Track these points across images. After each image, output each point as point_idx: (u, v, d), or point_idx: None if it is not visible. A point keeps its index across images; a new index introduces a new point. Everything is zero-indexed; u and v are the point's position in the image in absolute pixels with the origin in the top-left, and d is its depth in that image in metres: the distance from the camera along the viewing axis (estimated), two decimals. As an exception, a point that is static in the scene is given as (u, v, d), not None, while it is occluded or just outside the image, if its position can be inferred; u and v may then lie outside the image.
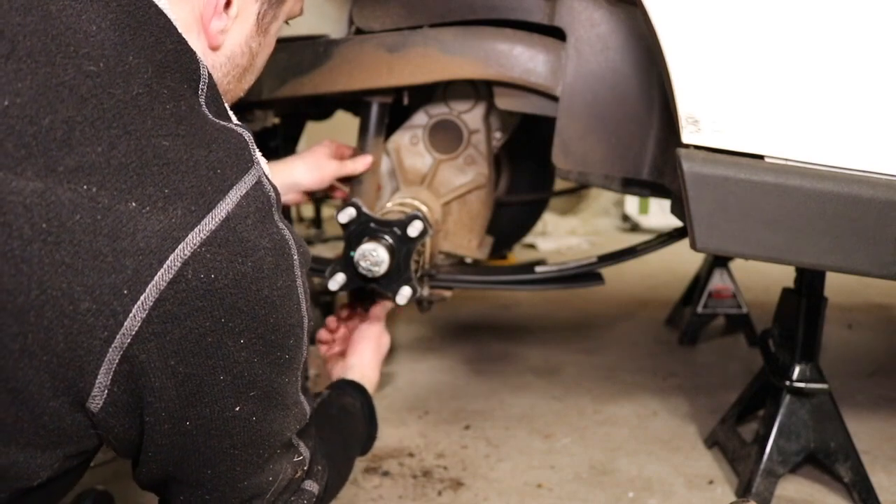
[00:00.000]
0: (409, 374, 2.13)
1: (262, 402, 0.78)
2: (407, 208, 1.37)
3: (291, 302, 0.78)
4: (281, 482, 0.84)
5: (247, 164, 0.75)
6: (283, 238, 0.76)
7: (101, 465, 1.58)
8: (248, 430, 0.78)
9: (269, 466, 0.83)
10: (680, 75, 1.11)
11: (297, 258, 0.79)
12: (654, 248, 1.62)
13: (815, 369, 1.48)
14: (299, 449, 0.88)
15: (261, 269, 0.73)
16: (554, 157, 1.36)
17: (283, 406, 0.81)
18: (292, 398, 0.83)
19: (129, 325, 0.67)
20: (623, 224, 4.61)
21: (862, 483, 1.45)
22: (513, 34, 1.35)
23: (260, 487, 0.82)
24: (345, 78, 1.39)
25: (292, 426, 0.84)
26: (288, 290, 0.77)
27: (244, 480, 0.81)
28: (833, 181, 1.09)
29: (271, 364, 0.77)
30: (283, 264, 0.76)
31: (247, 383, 0.75)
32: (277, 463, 0.84)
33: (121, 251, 0.66)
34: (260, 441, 0.80)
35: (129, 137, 0.69)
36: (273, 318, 0.75)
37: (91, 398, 0.69)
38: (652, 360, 2.26)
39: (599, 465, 1.62)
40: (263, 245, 0.73)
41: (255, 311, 0.73)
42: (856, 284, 2.95)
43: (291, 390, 0.82)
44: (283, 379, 0.80)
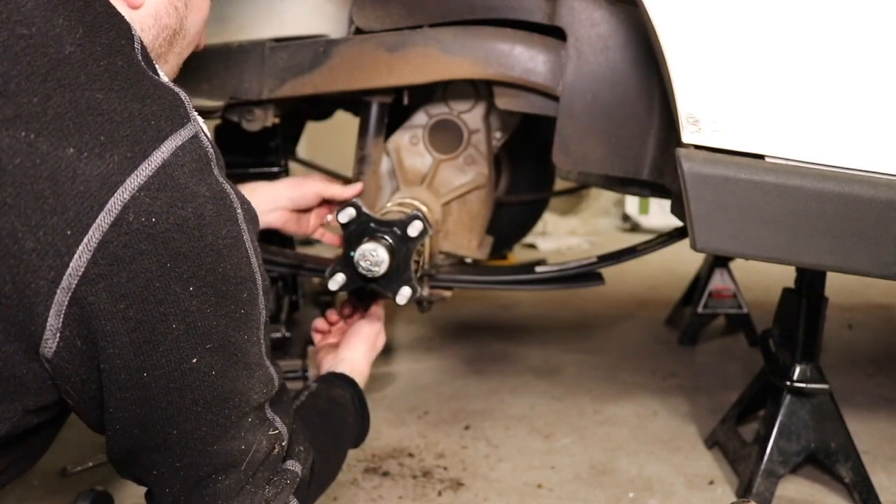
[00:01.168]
0: (409, 374, 2.13)
1: (220, 356, 0.79)
2: (407, 208, 1.37)
3: (239, 253, 0.79)
4: (256, 454, 0.84)
5: (182, 119, 0.77)
6: (223, 190, 0.78)
7: (100, 465, 1.59)
8: (209, 385, 0.78)
9: (241, 434, 0.82)
10: (680, 75, 1.11)
11: (241, 213, 0.80)
12: (654, 248, 1.62)
13: (816, 369, 1.48)
14: (274, 423, 0.88)
15: (202, 216, 0.75)
16: (554, 156, 1.36)
17: (245, 365, 0.82)
18: (255, 359, 0.83)
19: (74, 265, 0.69)
20: (623, 224, 4.61)
21: (862, 483, 1.45)
22: (513, 34, 1.35)
23: (231, 456, 0.82)
24: (345, 78, 1.38)
25: (257, 388, 0.84)
26: (234, 242, 0.79)
27: (213, 444, 0.81)
28: (833, 181, 1.09)
29: (226, 317, 0.78)
30: (226, 214, 0.78)
31: (201, 334, 0.77)
32: (250, 433, 0.84)
33: (62, 194, 0.69)
34: (223, 399, 0.80)
35: (64, 90, 0.72)
36: (221, 268, 0.77)
37: (44, 342, 0.71)
38: (652, 360, 2.26)
39: (599, 466, 1.62)
40: (202, 193, 0.75)
41: (200, 257, 0.75)
42: (856, 284, 2.94)
43: (253, 350, 0.83)
44: (240, 335, 0.81)
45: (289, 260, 1.58)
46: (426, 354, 2.30)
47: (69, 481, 1.53)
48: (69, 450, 1.66)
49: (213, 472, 0.82)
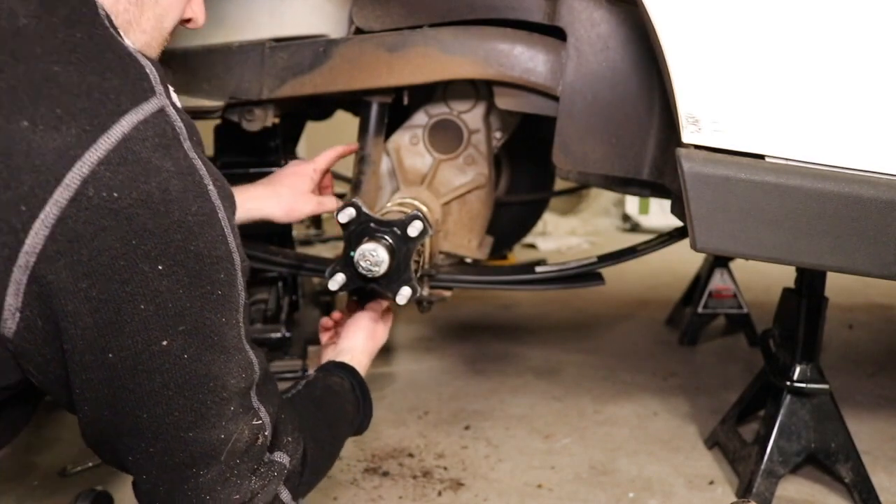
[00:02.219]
0: (409, 374, 2.13)
1: (194, 340, 0.76)
2: (407, 208, 1.37)
3: (213, 231, 0.77)
4: (237, 444, 0.82)
5: (146, 93, 0.74)
6: (192, 165, 0.76)
7: (100, 465, 1.58)
8: (181, 368, 0.76)
9: (221, 422, 0.80)
10: (680, 75, 1.10)
11: (215, 190, 0.78)
12: (655, 248, 1.62)
13: (816, 369, 1.48)
14: (259, 413, 0.85)
15: (167, 191, 0.72)
16: (554, 156, 1.36)
17: (222, 349, 0.79)
18: (233, 343, 0.81)
19: (31, 242, 0.67)
20: (623, 224, 4.60)
21: (863, 483, 1.45)
22: (513, 34, 1.35)
23: (210, 445, 0.80)
24: (345, 78, 1.38)
25: (236, 373, 0.81)
26: (207, 219, 0.76)
27: (189, 431, 0.78)
28: (834, 181, 1.09)
29: (201, 298, 0.76)
30: (195, 190, 0.75)
31: (173, 315, 0.74)
32: (232, 421, 0.81)
33: (15, 167, 0.67)
34: (197, 384, 0.78)
35: (18, 63, 0.70)
36: (193, 246, 0.75)
37: (3, 322, 0.70)
38: (652, 360, 2.26)
39: (600, 466, 1.62)
40: (167, 167, 0.73)
41: (168, 234, 0.73)
42: (856, 284, 2.94)
43: (231, 334, 0.81)
44: (217, 318, 0.78)
45: (289, 260, 1.58)
46: (426, 354, 2.30)
47: (69, 481, 1.53)
48: (69, 450, 1.66)
49: (192, 461, 0.80)
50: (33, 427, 1.80)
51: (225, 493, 0.82)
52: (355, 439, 1.70)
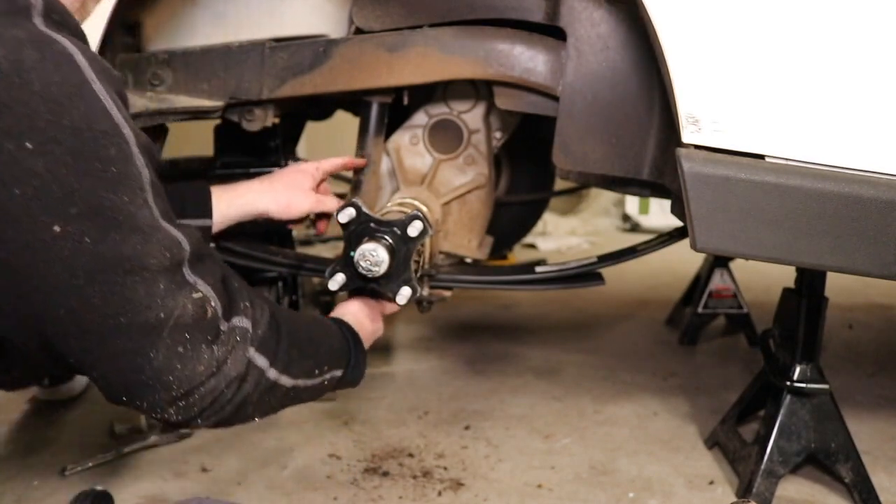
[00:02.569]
0: (408, 374, 2.13)
1: (93, 222, 0.72)
2: (407, 208, 1.37)
3: (88, 104, 0.72)
4: (180, 320, 0.79)
5: None
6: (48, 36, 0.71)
7: (100, 464, 1.59)
8: (86, 255, 0.72)
9: (154, 302, 0.77)
10: (680, 74, 1.11)
11: (86, 61, 0.73)
12: (655, 248, 1.62)
13: (816, 369, 1.48)
14: (196, 286, 0.82)
15: (20, 61, 0.68)
16: (554, 156, 1.36)
17: (133, 229, 0.75)
18: (146, 222, 0.77)
19: None
20: (623, 224, 4.60)
21: (863, 483, 1.45)
22: (513, 34, 1.35)
23: (149, 326, 0.77)
24: (345, 78, 1.38)
25: (157, 253, 0.78)
26: (76, 91, 0.71)
27: (119, 317, 0.75)
28: (834, 181, 1.09)
29: (91, 177, 0.72)
30: (57, 59, 0.70)
31: (60, 198, 0.70)
32: (167, 299, 0.78)
33: None
34: (109, 269, 0.74)
35: None
36: (67, 121, 0.70)
37: None
38: (652, 360, 2.26)
39: (600, 466, 1.62)
40: (14, 35, 0.68)
41: (30, 108, 0.68)
42: (857, 284, 2.94)
43: (141, 213, 0.76)
44: (118, 197, 0.74)
45: (289, 260, 1.58)
46: (426, 354, 2.30)
47: (69, 481, 1.53)
48: (69, 450, 1.66)
49: (134, 346, 0.77)
50: (33, 427, 1.80)
51: (188, 369, 0.81)
52: (355, 439, 1.71)
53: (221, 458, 1.63)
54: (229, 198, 1.26)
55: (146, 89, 1.37)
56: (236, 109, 1.45)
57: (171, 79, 1.38)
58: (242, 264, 1.61)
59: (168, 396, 0.81)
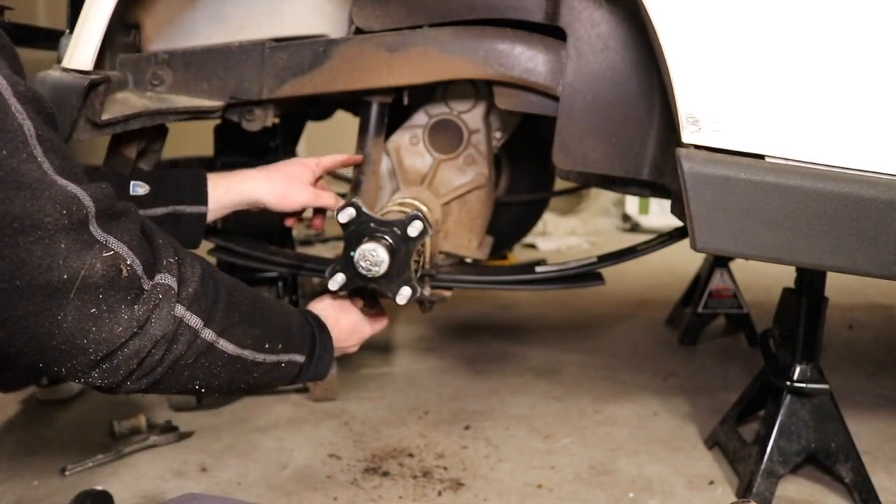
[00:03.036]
0: (409, 374, 2.13)
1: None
2: (407, 208, 1.37)
3: None
4: (89, 280, 0.76)
5: None
6: None
7: (100, 464, 1.59)
8: None
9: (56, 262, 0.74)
10: (680, 74, 1.10)
11: None
12: (655, 248, 1.61)
13: (816, 369, 1.48)
14: (108, 244, 0.79)
15: None
16: (554, 156, 1.36)
17: (17, 185, 0.72)
18: (32, 177, 0.73)
19: None
20: (623, 224, 4.60)
21: (863, 483, 1.45)
22: (513, 34, 1.35)
23: (51, 287, 0.74)
24: (345, 78, 1.38)
25: (50, 210, 0.74)
26: None
27: (14, 280, 0.73)
28: (834, 181, 1.09)
29: None
30: None
31: None
32: (70, 258, 0.75)
33: None
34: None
35: None
36: None
37: None
38: (652, 360, 2.26)
39: (600, 466, 1.62)
40: None
41: None
42: (857, 284, 2.94)
43: (25, 168, 0.73)
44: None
45: (289, 260, 1.58)
46: (426, 354, 2.30)
47: (69, 481, 1.53)
48: (69, 450, 1.66)
49: (37, 310, 0.75)
50: (33, 427, 1.80)
51: (105, 331, 0.78)
52: (356, 439, 1.71)
53: (221, 458, 1.63)
54: (226, 185, 1.25)
55: (146, 89, 1.37)
56: (236, 109, 1.45)
57: (171, 79, 1.37)
58: (242, 264, 1.61)
59: (87, 360, 0.79)
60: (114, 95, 1.30)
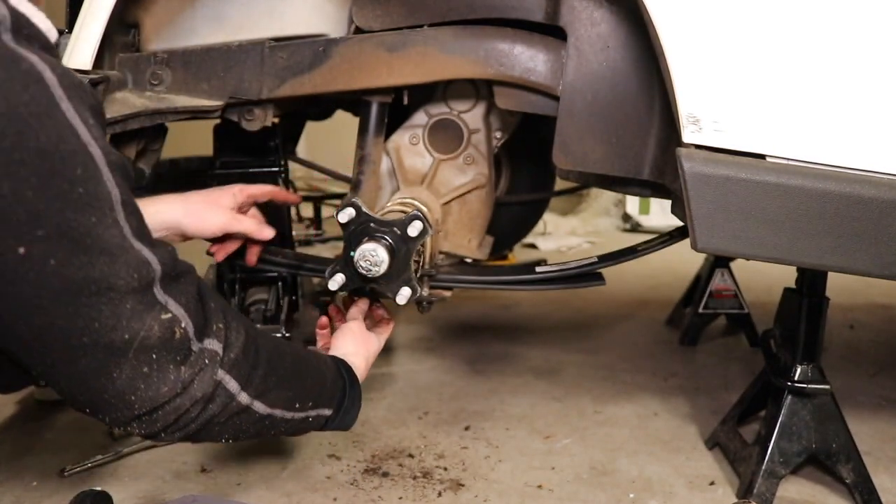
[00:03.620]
0: (409, 375, 2.13)
1: (59, 245, 0.72)
2: (407, 208, 1.37)
3: (55, 123, 0.72)
4: (146, 341, 0.79)
5: None
6: (16, 53, 0.70)
7: (99, 465, 1.58)
8: (50, 276, 0.72)
9: (120, 323, 0.77)
10: (680, 74, 1.10)
11: (55, 78, 0.72)
12: (655, 248, 1.61)
13: (817, 370, 1.48)
14: (167, 306, 0.82)
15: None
16: (554, 156, 1.36)
17: (101, 251, 0.75)
18: (114, 242, 0.76)
19: None
20: (623, 224, 4.60)
21: (864, 484, 1.44)
22: (513, 33, 1.35)
23: (113, 347, 0.77)
24: (344, 77, 1.38)
25: (124, 274, 0.77)
26: (45, 111, 0.71)
27: (82, 337, 0.75)
28: (835, 181, 1.09)
29: (58, 199, 0.71)
30: (25, 79, 0.70)
31: (25, 221, 0.70)
32: (133, 320, 0.78)
33: None
34: (75, 290, 0.74)
35: None
36: (33, 142, 0.69)
37: None
38: (652, 360, 2.26)
39: (600, 466, 1.61)
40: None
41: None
42: (858, 284, 2.93)
43: (109, 234, 0.76)
44: (84, 218, 0.74)
45: (288, 260, 1.58)
46: (426, 354, 2.30)
47: (68, 481, 1.52)
48: (69, 450, 1.65)
49: (98, 366, 0.77)
50: (32, 427, 1.80)
51: (152, 390, 0.81)
52: (355, 440, 1.71)
53: (221, 458, 1.63)
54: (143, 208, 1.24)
55: (145, 89, 1.37)
56: (236, 109, 1.44)
57: (171, 78, 1.37)
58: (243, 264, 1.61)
59: (130, 414, 0.82)
60: (113, 95, 1.30)
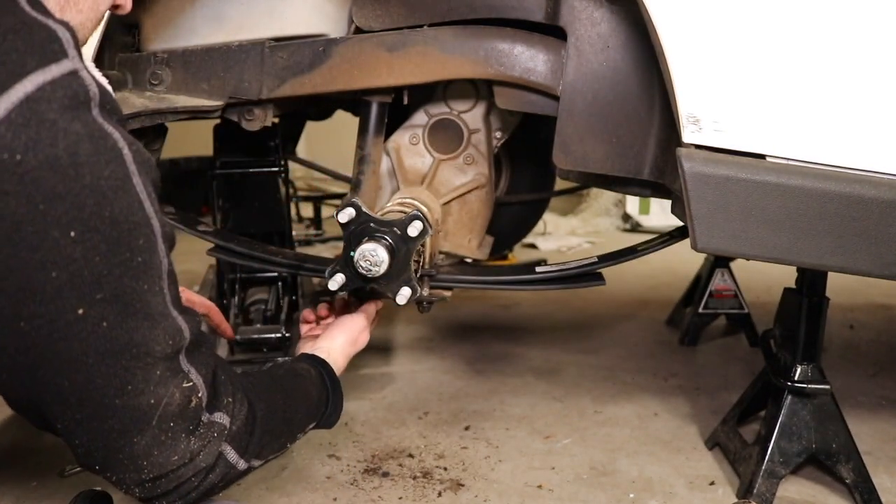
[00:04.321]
0: (409, 375, 2.13)
1: (114, 308, 0.76)
2: (407, 208, 1.36)
3: (128, 196, 0.76)
4: (168, 408, 0.82)
5: (55, 54, 0.72)
6: (103, 129, 0.74)
7: (99, 465, 1.58)
8: (100, 336, 0.76)
9: (148, 387, 0.80)
10: (681, 74, 1.10)
11: (130, 154, 0.77)
12: (655, 248, 1.61)
13: (817, 370, 1.47)
14: (189, 375, 0.85)
15: (76, 154, 0.71)
16: (554, 156, 1.36)
17: (146, 316, 0.79)
18: (157, 309, 0.80)
19: None
20: (624, 224, 4.60)
21: (864, 484, 1.44)
22: (513, 33, 1.35)
23: (140, 410, 0.80)
24: (344, 77, 1.38)
25: (161, 340, 0.81)
26: (121, 184, 0.75)
27: (115, 398, 0.78)
28: (835, 181, 1.09)
29: (119, 266, 0.75)
30: (108, 154, 0.74)
31: (89, 283, 0.74)
32: (160, 385, 0.81)
33: None
34: (119, 352, 0.77)
35: None
36: (108, 212, 0.74)
37: None
38: (652, 360, 2.25)
39: (600, 466, 1.61)
40: (76, 130, 0.72)
41: (79, 199, 0.71)
42: (858, 284, 2.93)
43: (155, 301, 0.80)
44: (139, 285, 0.78)
45: (289, 260, 1.58)
46: (426, 355, 2.30)
47: (68, 482, 1.52)
48: (68, 450, 1.65)
49: (122, 427, 0.80)
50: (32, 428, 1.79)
51: (163, 457, 0.83)
52: (355, 440, 1.71)
53: (221, 458, 1.63)
54: None
55: (145, 89, 1.37)
56: (236, 109, 1.44)
57: (171, 78, 1.37)
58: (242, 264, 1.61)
59: (137, 477, 0.85)
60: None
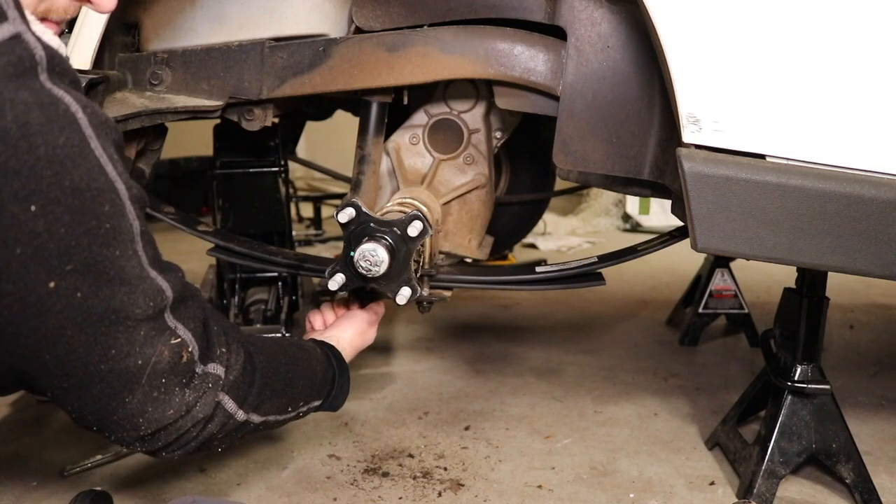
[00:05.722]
0: (409, 375, 2.13)
1: (87, 278, 0.74)
2: (407, 208, 1.36)
3: (88, 163, 0.74)
4: (157, 366, 0.81)
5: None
6: (53, 96, 0.71)
7: (99, 465, 1.58)
8: (76, 308, 0.74)
9: (133, 349, 0.79)
10: (681, 74, 1.10)
11: (86, 118, 0.74)
12: (655, 248, 1.61)
13: (817, 370, 1.47)
14: (176, 331, 0.84)
15: (26, 125, 0.68)
16: (554, 156, 1.36)
17: (121, 282, 0.77)
18: (133, 273, 0.79)
19: None
20: (624, 224, 4.60)
21: (864, 484, 1.44)
22: (513, 33, 1.35)
23: (127, 373, 0.80)
24: (344, 77, 1.38)
25: (142, 303, 0.79)
26: (78, 150, 0.72)
27: (99, 364, 0.78)
28: (835, 181, 1.09)
29: (87, 235, 0.74)
30: (61, 121, 0.71)
31: (56, 256, 0.72)
32: (146, 346, 0.80)
33: None
34: (97, 321, 0.76)
35: None
36: (68, 181, 0.71)
37: None
38: (653, 360, 2.25)
39: (600, 466, 1.61)
40: (23, 99, 0.68)
41: (36, 172, 0.69)
42: (858, 284, 2.94)
43: (130, 265, 0.78)
44: (110, 252, 0.76)
45: (289, 260, 1.58)
46: (426, 355, 2.30)
47: (68, 481, 1.52)
48: (68, 450, 1.65)
49: (111, 391, 0.80)
50: (32, 428, 1.80)
51: (158, 412, 0.83)
52: (355, 440, 1.71)
53: (221, 458, 1.63)
54: None
55: (145, 89, 1.37)
56: (236, 109, 1.44)
57: (171, 78, 1.37)
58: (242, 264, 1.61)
59: (136, 434, 0.85)
60: (113, 95, 1.30)
